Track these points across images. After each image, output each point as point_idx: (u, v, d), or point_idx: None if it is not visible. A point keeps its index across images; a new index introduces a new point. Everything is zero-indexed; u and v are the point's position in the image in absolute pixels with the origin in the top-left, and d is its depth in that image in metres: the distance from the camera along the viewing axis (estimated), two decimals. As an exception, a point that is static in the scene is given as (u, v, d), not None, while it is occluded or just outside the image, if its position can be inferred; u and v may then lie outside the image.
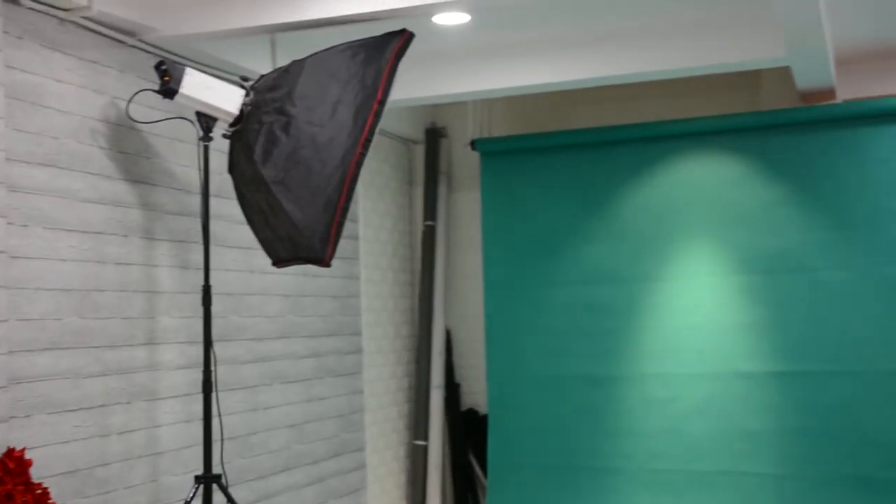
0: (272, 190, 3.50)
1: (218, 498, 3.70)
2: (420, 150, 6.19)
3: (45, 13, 3.39)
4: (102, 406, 3.52)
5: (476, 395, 6.03)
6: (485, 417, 5.86)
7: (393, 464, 5.76)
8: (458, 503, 5.93)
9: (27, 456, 3.08)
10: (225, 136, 3.66)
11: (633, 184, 5.44)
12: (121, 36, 3.71)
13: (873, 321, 4.95)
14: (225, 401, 4.11)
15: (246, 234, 4.11)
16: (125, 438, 3.63)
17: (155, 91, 3.59)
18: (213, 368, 3.60)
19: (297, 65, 3.61)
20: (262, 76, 3.71)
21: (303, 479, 4.76)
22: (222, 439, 3.78)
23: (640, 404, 5.35)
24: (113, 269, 3.61)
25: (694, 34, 4.43)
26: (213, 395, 3.62)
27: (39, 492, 3.05)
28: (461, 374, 6.10)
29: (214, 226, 4.16)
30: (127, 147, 3.72)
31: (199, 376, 3.67)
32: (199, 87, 3.57)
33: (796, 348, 5.08)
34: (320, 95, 3.52)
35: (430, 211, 6.04)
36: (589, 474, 5.42)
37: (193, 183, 4.04)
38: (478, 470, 5.96)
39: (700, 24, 4.40)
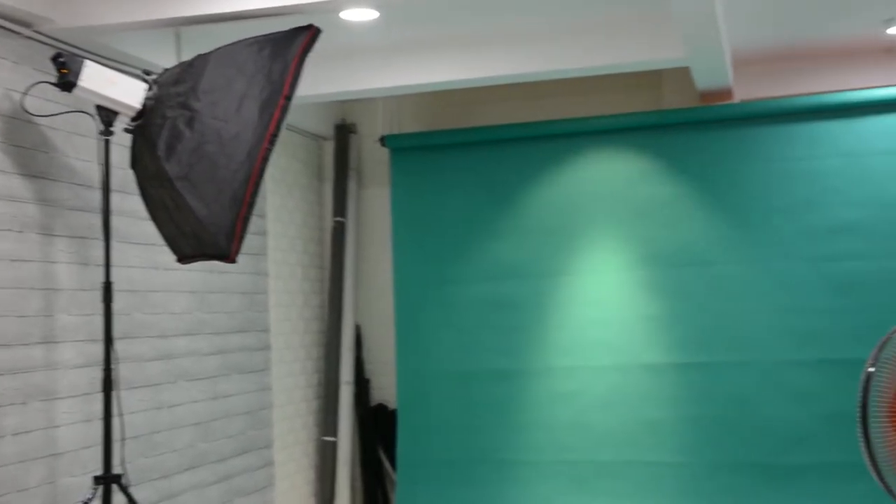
0: (176, 186, 3.46)
1: (118, 499, 3.64)
2: (330, 147, 6.16)
3: (-65, 2, 3.28)
4: (-3, 406, 3.43)
5: (386, 390, 6.05)
6: (394, 413, 5.88)
7: (302, 460, 5.73)
8: (367, 499, 5.94)
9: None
10: (127, 130, 3.60)
11: (540, 180, 5.53)
12: (15, 26, 3.60)
13: (769, 314, 5.14)
14: (127, 399, 4.04)
15: (150, 229, 4.05)
16: (20, 440, 3.53)
17: (52, 84, 3.51)
18: (114, 366, 3.54)
19: (202, 59, 3.56)
20: (165, 70, 3.66)
21: (208, 477, 4.71)
22: (123, 439, 3.72)
23: (547, 397, 5.44)
24: (7, 266, 3.51)
25: (596, 34, 4.52)
26: (114, 393, 3.55)
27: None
28: (371, 370, 6.11)
29: (117, 222, 4.09)
30: (22, 141, 3.62)
31: (99, 375, 3.60)
32: (99, 81, 3.50)
33: (696, 340, 5.24)
34: (225, 90, 3.49)
35: (340, 207, 6.02)
36: (498, 467, 5.49)
37: (94, 178, 3.96)
38: (387, 465, 5.98)
39: (602, 24, 4.49)
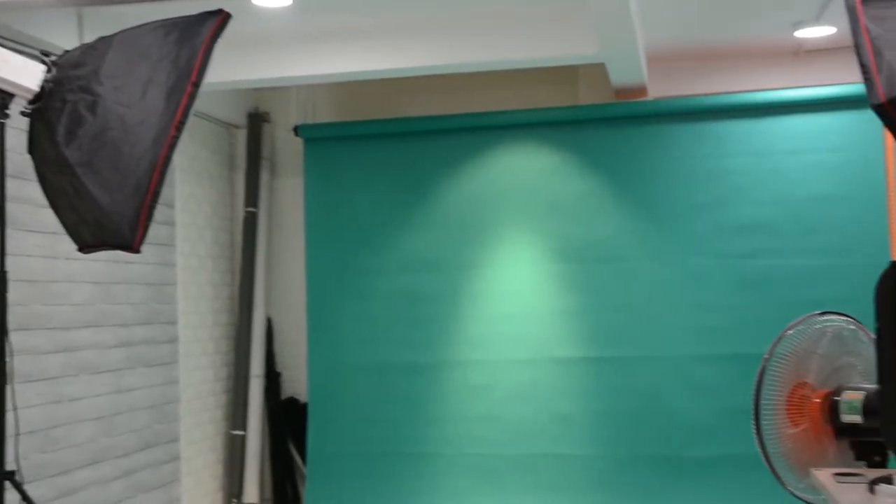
0: (77, 172, 3.33)
1: (12, 496, 3.50)
2: (242, 135, 6.04)
3: None
4: None
5: (297, 383, 5.97)
6: (305, 406, 5.81)
7: (209, 454, 5.62)
8: (276, 492, 5.86)
9: None
10: (24, 113, 3.45)
11: (455, 173, 5.52)
12: None
13: (679, 309, 5.22)
14: (24, 393, 3.89)
15: (50, 217, 3.88)
16: None
17: (-59, 63, 3.34)
18: (8, 359, 3.40)
19: (105, 41, 3.44)
20: (66, 52, 3.52)
21: (111, 472, 4.57)
22: (18, 434, 3.58)
23: (460, 391, 5.44)
24: None
25: (514, 29, 4.52)
26: (9, 387, 3.41)
27: None
28: (282, 363, 6.02)
29: (14, 209, 3.93)
30: None
31: (-8, 368, 3.45)
32: (-8, 60, 3.35)
33: (608, 335, 5.30)
34: (129, 74, 3.37)
35: (252, 197, 5.91)
36: (410, 461, 5.47)
37: (-11, 163, 3.79)
38: (297, 459, 5.91)
39: (520, 19, 4.50)
